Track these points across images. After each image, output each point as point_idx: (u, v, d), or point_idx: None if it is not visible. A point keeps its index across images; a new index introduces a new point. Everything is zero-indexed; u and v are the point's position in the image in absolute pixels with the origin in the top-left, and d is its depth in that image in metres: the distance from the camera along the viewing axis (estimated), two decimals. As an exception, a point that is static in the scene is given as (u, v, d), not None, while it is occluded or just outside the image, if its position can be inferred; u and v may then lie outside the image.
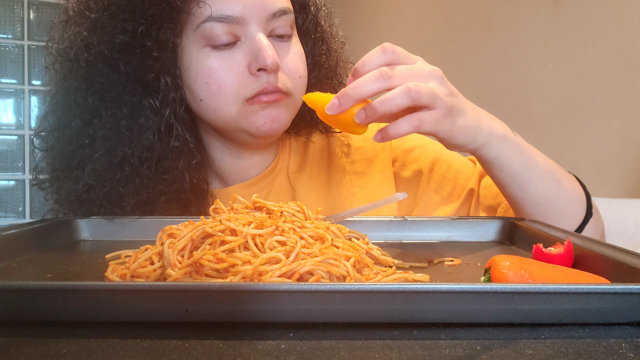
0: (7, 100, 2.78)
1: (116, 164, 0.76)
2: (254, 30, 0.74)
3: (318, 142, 0.92)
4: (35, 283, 0.41)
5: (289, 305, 0.37)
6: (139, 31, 0.72)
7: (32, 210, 2.83)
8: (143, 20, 0.72)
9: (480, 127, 0.65)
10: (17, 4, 2.73)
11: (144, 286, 0.40)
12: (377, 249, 0.58)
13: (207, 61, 0.74)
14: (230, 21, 0.72)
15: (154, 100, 0.75)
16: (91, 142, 0.76)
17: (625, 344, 0.35)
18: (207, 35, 0.73)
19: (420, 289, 0.36)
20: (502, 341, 0.35)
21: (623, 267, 0.45)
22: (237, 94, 0.75)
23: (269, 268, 0.44)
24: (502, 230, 0.70)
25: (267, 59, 0.72)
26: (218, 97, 0.75)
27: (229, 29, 0.73)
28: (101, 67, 0.74)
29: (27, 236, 0.64)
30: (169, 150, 0.76)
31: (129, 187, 0.76)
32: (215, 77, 0.74)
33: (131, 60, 0.73)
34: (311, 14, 0.86)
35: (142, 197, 0.76)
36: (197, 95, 0.76)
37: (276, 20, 0.76)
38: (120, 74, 0.74)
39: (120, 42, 0.73)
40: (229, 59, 0.74)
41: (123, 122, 0.75)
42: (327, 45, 0.89)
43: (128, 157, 0.75)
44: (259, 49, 0.73)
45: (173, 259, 0.46)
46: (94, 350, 0.34)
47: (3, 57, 2.71)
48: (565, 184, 0.72)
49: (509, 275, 0.42)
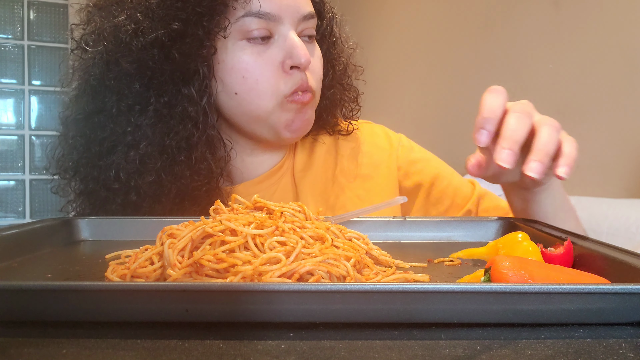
0: (7, 100, 2.78)
1: (156, 153, 0.75)
2: (287, 29, 0.77)
3: (325, 142, 0.93)
4: (35, 283, 0.40)
5: (289, 305, 0.37)
6: (193, 21, 0.73)
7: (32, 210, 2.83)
8: (199, 9, 0.73)
9: None
10: (17, 4, 2.73)
11: (144, 286, 0.40)
12: (377, 249, 0.58)
13: (244, 55, 0.76)
14: (268, 18, 0.75)
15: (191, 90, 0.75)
16: (132, 130, 0.75)
17: (625, 344, 0.35)
18: (245, 29, 0.75)
19: (420, 289, 0.36)
20: (502, 341, 0.35)
21: (623, 267, 0.45)
22: (274, 90, 0.77)
23: (269, 268, 0.44)
24: (502, 230, 0.70)
25: (302, 57, 0.75)
26: (255, 92, 0.77)
27: (265, 24, 0.76)
28: (155, 52, 0.74)
29: (27, 236, 0.64)
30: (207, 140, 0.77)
31: (170, 175, 0.76)
32: (252, 71, 0.76)
33: (182, 48, 0.74)
34: (326, 20, 0.89)
35: (180, 185, 0.76)
36: (232, 89, 0.77)
37: (306, 22, 0.79)
38: (169, 62, 0.74)
39: (176, 30, 0.73)
40: (263, 55, 0.76)
41: (165, 110, 0.76)
42: (340, 49, 0.93)
43: (167, 147, 0.76)
44: (294, 47, 0.76)
45: (173, 259, 0.46)
46: (94, 350, 0.34)
47: (3, 57, 2.71)
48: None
49: (509, 275, 0.42)
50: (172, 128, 0.76)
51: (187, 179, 0.77)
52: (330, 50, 0.90)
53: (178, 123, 0.76)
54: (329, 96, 0.89)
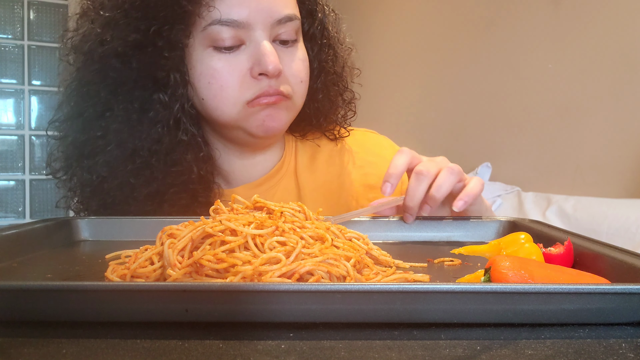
0: (7, 100, 2.78)
1: (127, 156, 0.78)
2: (259, 36, 0.75)
3: (326, 147, 0.92)
4: (35, 283, 0.40)
5: (289, 306, 0.37)
6: (151, 31, 0.74)
7: (32, 210, 2.83)
8: (155, 21, 0.74)
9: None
10: (17, 4, 2.73)
11: (144, 286, 0.40)
12: (377, 249, 0.58)
13: (212, 62, 0.76)
14: (237, 25, 0.74)
15: (164, 95, 0.77)
16: (103, 134, 0.78)
17: (625, 344, 0.35)
18: (213, 37, 0.75)
19: (420, 289, 0.36)
20: (502, 341, 0.35)
21: (623, 267, 0.45)
22: (238, 96, 0.76)
23: (269, 268, 0.44)
24: (502, 230, 0.70)
25: (269, 64, 0.74)
26: (219, 98, 0.77)
27: (235, 32, 0.74)
28: (114, 62, 0.76)
29: (27, 236, 0.64)
30: (178, 143, 0.78)
31: (139, 178, 0.78)
32: (218, 77, 0.76)
33: (143, 58, 0.75)
34: (318, 20, 0.87)
35: (152, 188, 0.78)
36: (200, 94, 0.78)
37: (281, 27, 0.77)
38: (131, 70, 0.76)
39: (133, 40, 0.75)
40: (232, 61, 0.76)
41: (134, 115, 0.77)
42: (334, 51, 0.90)
43: (138, 150, 0.77)
44: (262, 55, 0.74)
45: (173, 259, 0.46)
46: (94, 351, 0.34)
47: (3, 57, 2.71)
48: None
49: (509, 275, 0.42)
50: (141, 133, 0.77)
51: (159, 182, 0.78)
52: (322, 52, 0.88)
53: (148, 128, 0.77)
54: (321, 99, 0.89)
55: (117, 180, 0.78)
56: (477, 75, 2.37)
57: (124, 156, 0.78)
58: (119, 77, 0.77)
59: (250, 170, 0.87)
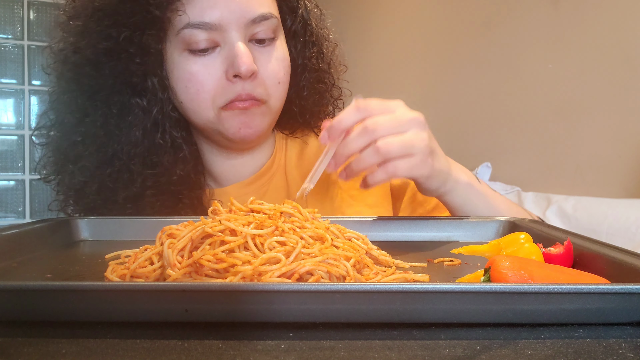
0: (7, 100, 2.78)
1: (106, 160, 0.79)
2: (233, 37, 0.75)
3: (314, 144, 0.92)
4: (35, 283, 0.40)
5: (289, 305, 0.37)
6: (122, 37, 0.74)
7: (32, 210, 2.83)
8: (125, 28, 0.74)
9: (450, 172, 0.71)
10: (17, 4, 2.73)
11: (144, 286, 0.40)
12: (377, 249, 0.58)
13: (187, 65, 0.76)
14: (209, 28, 0.74)
15: (142, 100, 0.77)
16: (83, 139, 0.79)
17: (625, 344, 0.35)
18: (187, 40, 0.75)
19: (420, 289, 0.36)
20: (502, 341, 0.35)
21: (623, 267, 0.45)
22: (213, 100, 0.76)
23: (269, 268, 0.44)
24: (502, 230, 0.70)
25: (242, 65, 0.73)
26: (196, 101, 0.77)
27: (208, 35, 0.74)
28: (87, 70, 0.77)
29: (27, 236, 0.64)
30: (157, 146, 0.79)
31: (118, 182, 0.79)
32: (194, 81, 0.76)
33: (116, 65, 0.76)
34: (300, 17, 0.85)
35: (131, 191, 0.79)
36: (179, 97, 0.79)
37: (256, 26, 0.76)
38: (106, 77, 0.77)
39: (105, 47, 0.75)
40: (208, 65, 0.76)
41: (112, 120, 0.78)
42: (319, 47, 0.89)
43: (117, 154, 0.78)
44: (235, 56, 0.74)
45: (173, 259, 0.46)
46: (94, 351, 0.34)
47: (3, 57, 2.71)
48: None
49: (508, 275, 0.42)
50: (120, 137, 0.78)
51: (139, 186, 0.79)
52: (306, 49, 0.87)
53: (127, 132, 0.78)
54: (306, 97, 0.88)
55: (96, 185, 0.79)
56: (477, 75, 2.36)
57: (101, 161, 0.79)
58: (94, 84, 0.77)
59: (239, 169, 0.87)
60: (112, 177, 0.79)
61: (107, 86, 0.77)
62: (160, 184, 0.80)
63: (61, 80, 0.81)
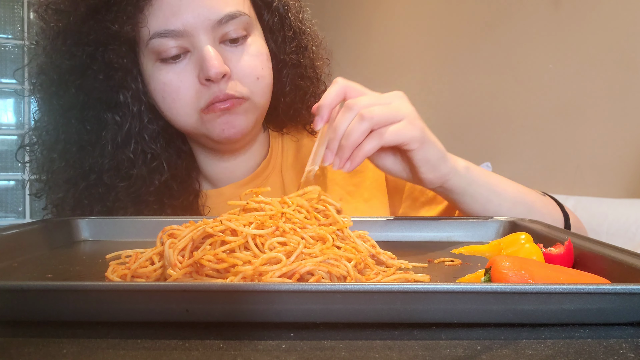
0: (7, 100, 2.78)
1: (79, 175, 0.80)
2: (202, 41, 0.74)
3: (308, 141, 0.92)
4: (35, 283, 0.40)
5: (290, 306, 0.37)
6: (85, 55, 0.75)
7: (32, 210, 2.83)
8: (87, 46, 0.75)
9: (445, 155, 0.69)
10: (17, 4, 2.73)
11: (145, 286, 0.40)
12: (386, 253, 0.58)
13: (160, 76, 0.76)
14: (175, 35, 0.73)
15: (114, 115, 0.78)
16: (59, 155, 0.81)
17: (626, 344, 0.35)
18: (156, 50, 0.74)
19: (420, 289, 0.36)
20: (503, 341, 0.35)
21: (623, 267, 0.45)
22: (192, 105, 0.76)
23: (270, 268, 0.44)
24: (502, 230, 0.70)
25: (210, 69, 0.72)
26: (174, 109, 0.77)
27: (176, 42, 0.73)
28: (54, 89, 0.78)
29: (27, 236, 0.64)
30: (130, 161, 0.79)
31: (94, 196, 0.80)
32: (169, 91, 0.76)
33: (82, 82, 0.77)
34: (275, 11, 0.83)
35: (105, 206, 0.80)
36: (160, 108, 0.79)
37: (225, 26, 0.75)
38: (75, 95, 0.78)
39: (68, 66, 0.76)
40: (180, 72, 0.75)
41: (85, 136, 0.79)
42: (298, 42, 0.87)
43: (92, 168, 0.79)
44: (203, 60, 0.73)
45: (173, 259, 0.46)
46: (94, 350, 0.34)
47: (3, 57, 2.71)
48: (539, 207, 0.75)
49: (509, 275, 0.42)
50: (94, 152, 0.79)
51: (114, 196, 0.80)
52: (285, 43, 0.85)
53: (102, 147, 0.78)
54: (289, 92, 0.86)
55: (72, 200, 0.81)
56: (477, 75, 2.36)
57: (75, 175, 0.80)
58: (65, 102, 0.79)
59: (234, 171, 0.87)
60: (87, 191, 0.80)
61: (78, 103, 0.78)
62: (140, 195, 0.80)
63: (38, 100, 0.83)
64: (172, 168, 0.82)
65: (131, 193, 0.80)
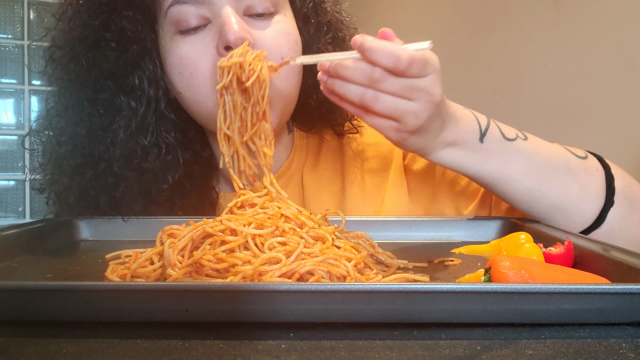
0: (7, 100, 2.78)
1: (88, 164, 0.72)
2: (222, 8, 0.67)
3: (332, 143, 0.86)
4: (35, 283, 0.40)
5: (289, 305, 0.37)
6: (98, 22, 0.69)
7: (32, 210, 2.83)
8: (101, 11, 0.69)
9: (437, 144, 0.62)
10: (17, 4, 2.73)
11: (144, 286, 0.40)
12: (384, 252, 0.58)
13: (177, 49, 0.69)
14: (196, 2, 0.67)
15: (128, 99, 0.71)
16: (67, 141, 0.74)
17: (626, 344, 0.35)
18: (175, 19, 0.68)
19: (420, 289, 0.36)
20: (503, 341, 0.35)
21: (623, 267, 0.45)
22: (210, 83, 0.68)
23: (269, 268, 0.44)
24: (502, 230, 0.70)
25: (230, 33, 0.64)
26: (193, 88, 0.69)
27: (196, 10, 0.67)
28: (65, 63, 0.72)
29: (27, 236, 0.64)
30: (143, 149, 0.72)
31: (100, 188, 0.73)
32: (186, 64, 0.68)
33: (95, 55, 0.70)
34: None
35: (114, 198, 0.73)
36: (176, 88, 0.71)
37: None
38: (86, 71, 0.71)
39: (79, 36, 0.70)
40: (197, 43, 0.68)
41: (97, 120, 0.72)
42: (335, 33, 0.80)
43: (102, 156, 0.72)
44: (222, 24, 0.65)
45: (173, 259, 0.46)
46: (94, 350, 0.34)
47: (3, 57, 2.71)
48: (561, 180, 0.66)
49: (509, 275, 0.42)
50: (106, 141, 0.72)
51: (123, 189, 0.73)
52: (319, 33, 0.78)
53: (113, 134, 0.71)
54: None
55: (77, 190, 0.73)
56: (477, 75, 2.37)
57: (84, 164, 0.73)
58: (75, 80, 0.72)
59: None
60: (94, 181, 0.73)
61: (89, 82, 0.71)
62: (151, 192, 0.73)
63: (51, 81, 0.76)
64: (187, 165, 0.76)
65: (142, 187, 0.73)
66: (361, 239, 0.58)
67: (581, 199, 0.66)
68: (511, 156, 0.65)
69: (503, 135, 0.65)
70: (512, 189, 0.65)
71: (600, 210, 0.66)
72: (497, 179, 0.65)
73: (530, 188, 0.65)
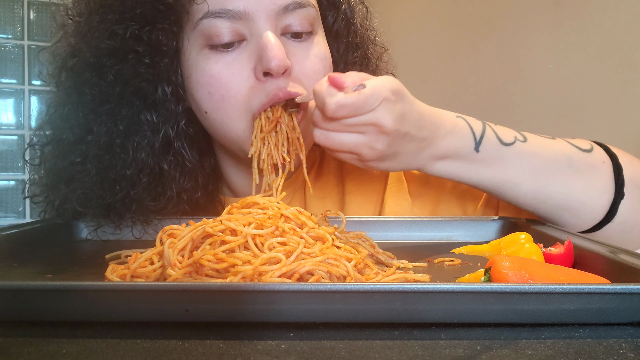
0: (7, 100, 2.78)
1: (106, 187, 0.67)
2: (261, 27, 0.63)
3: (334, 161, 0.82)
4: (35, 283, 0.40)
5: (289, 305, 0.37)
6: (129, 34, 0.64)
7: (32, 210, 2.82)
8: (133, 22, 0.64)
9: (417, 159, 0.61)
10: (17, 4, 2.73)
11: (144, 286, 0.40)
12: (384, 253, 0.58)
13: (208, 66, 0.65)
14: (232, 16, 0.63)
15: (152, 115, 0.67)
16: (83, 160, 0.68)
17: (626, 344, 0.35)
18: (207, 33, 0.64)
19: (420, 289, 0.36)
20: (502, 341, 0.35)
21: (623, 267, 0.45)
22: (245, 106, 0.65)
23: (269, 268, 0.44)
24: (502, 230, 0.70)
25: (272, 60, 0.61)
26: (223, 110, 0.65)
27: (231, 26, 0.63)
28: (88, 76, 0.66)
29: (27, 236, 0.64)
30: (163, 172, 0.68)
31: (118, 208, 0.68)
32: (217, 85, 0.64)
33: (122, 68, 0.65)
34: (342, 14, 0.73)
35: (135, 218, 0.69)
36: (202, 107, 0.67)
37: (289, 16, 0.65)
38: (111, 84, 0.66)
39: (108, 48, 0.65)
40: (232, 63, 0.64)
41: (117, 140, 0.67)
42: (363, 51, 0.77)
43: (120, 180, 0.67)
44: (264, 48, 0.62)
45: (173, 259, 0.46)
46: (94, 350, 0.34)
47: (3, 57, 2.71)
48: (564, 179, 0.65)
49: (509, 275, 0.42)
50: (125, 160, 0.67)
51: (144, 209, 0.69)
52: (349, 52, 0.75)
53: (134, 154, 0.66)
54: None
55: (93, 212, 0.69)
56: (477, 75, 2.36)
57: (101, 186, 0.67)
58: (97, 93, 0.66)
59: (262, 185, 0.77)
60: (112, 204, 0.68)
61: (113, 96, 0.66)
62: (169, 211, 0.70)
63: (60, 89, 0.70)
64: (204, 187, 0.72)
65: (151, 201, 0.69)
66: (361, 239, 0.58)
67: (587, 196, 0.65)
68: (510, 161, 0.64)
69: (500, 141, 0.64)
70: (514, 193, 0.65)
71: (611, 203, 0.65)
72: (497, 185, 0.64)
73: (532, 190, 0.64)
